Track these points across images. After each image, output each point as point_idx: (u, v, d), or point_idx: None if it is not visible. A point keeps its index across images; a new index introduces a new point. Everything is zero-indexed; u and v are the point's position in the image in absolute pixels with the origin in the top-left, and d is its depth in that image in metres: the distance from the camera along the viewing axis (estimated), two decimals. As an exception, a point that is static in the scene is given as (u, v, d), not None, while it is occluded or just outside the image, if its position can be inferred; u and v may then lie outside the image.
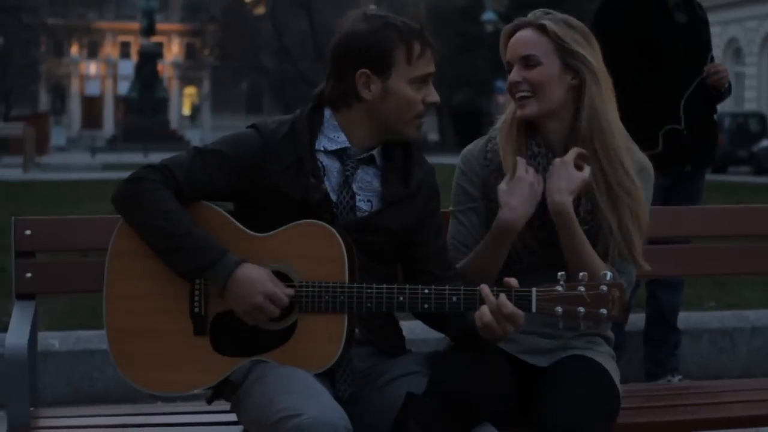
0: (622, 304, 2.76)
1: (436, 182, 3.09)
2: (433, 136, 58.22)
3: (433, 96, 2.98)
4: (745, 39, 41.71)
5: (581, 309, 2.75)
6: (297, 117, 2.99)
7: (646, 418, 3.28)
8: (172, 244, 2.83)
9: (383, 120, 2.95)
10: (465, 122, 51.10)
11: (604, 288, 2.75)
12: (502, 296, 2.76)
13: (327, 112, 3.00)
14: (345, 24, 2.96)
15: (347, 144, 2.97)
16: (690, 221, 3.80)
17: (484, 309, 2.77)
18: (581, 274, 2.77)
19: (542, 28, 3.07)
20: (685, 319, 5.82)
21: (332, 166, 2.97)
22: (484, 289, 2.79)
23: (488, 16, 42.96)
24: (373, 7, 3.04)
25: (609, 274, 2.77)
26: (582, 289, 2.75)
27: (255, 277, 2.79)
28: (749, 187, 22.62)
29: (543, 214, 3.05)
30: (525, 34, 3.10)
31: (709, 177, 5.12)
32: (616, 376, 3.09)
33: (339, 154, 2.98)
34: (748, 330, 5.59)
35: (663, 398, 3.55)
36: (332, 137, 2.98)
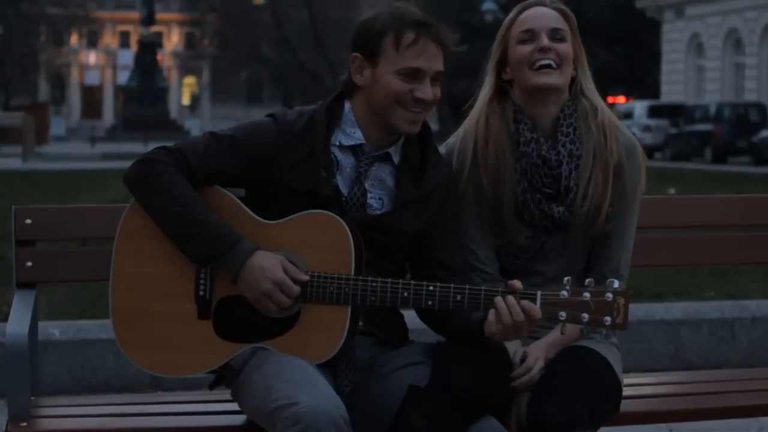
0: (627, 312, 2.71)
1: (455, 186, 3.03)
2: (433, 126, 58.10)
3: (422, 92, 2.88)
4: (745, 29, 41.66)
5: (585, 315, 2.71)
6: (317, 109, 2.96)
7: (648, 407, 3.27)
8: (187, 230, 2.82)
9: (375, 110, 2.92)
10: (465, 112, 50.78)
11: (610, 296, 2.70)
12: (510, 298, 2.73)
13: (347, 105, 2.96)
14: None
15: (362, 140, 2.94)
16: (687, 211, 3.79)
17: (503, 309, 2.73)
18: (587, 280, 2.73)
19: (564, 14, 3.10)
20: (685, 308, 5.83)
21: (346, 161, 2.95)
22: (499, 302, 2.74)
23: (488, 5, 42.84)
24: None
25: (616, 282, 2.73)
26: (587, 295, 2.71)
27: (266, 265, 2.77)
28: (749, 177, 22.59)
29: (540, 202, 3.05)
30: (551, 12, 3.10)
31: (709, 167, 5.12)
32: (618, 366, 3.07)
33: (354, 149, 2.95)
34: (748, 320, 5.59)
35: (665, 387, 3.55)
36: (348, 132, 2.95)
